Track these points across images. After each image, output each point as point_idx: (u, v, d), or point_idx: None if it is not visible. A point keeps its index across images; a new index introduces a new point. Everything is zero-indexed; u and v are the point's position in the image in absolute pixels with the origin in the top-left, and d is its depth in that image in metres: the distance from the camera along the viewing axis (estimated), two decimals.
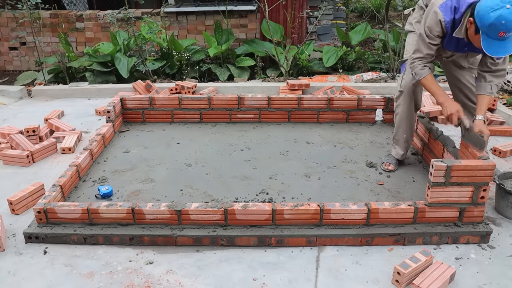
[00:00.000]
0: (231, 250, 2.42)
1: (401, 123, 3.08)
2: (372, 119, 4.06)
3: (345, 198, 2.81)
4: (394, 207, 2.43)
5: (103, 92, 5.28)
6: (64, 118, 4.51)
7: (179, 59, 5.90)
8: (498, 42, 2.30)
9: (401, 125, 3.09)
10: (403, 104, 3.01)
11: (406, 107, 3.01)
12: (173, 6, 6.76)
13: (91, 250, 2.43)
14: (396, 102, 3.07)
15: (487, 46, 2.33)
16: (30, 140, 3.75)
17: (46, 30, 6.62)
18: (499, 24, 2.22)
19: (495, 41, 2.30)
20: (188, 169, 3.22)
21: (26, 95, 5.37)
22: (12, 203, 2.76)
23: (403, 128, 3.09)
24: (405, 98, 2.99)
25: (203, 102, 4.01)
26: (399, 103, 3.03)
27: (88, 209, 2.46)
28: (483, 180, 2.37)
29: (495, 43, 2.31)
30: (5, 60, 6.96)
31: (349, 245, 2.45)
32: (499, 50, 2.32)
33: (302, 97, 3.97)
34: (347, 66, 6.20)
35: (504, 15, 2.20)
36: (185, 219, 2.46)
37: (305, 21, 6.78)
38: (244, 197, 2.83)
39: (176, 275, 2.24)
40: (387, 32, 5.77)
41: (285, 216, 2.44)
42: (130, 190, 2.94)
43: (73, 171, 2.93)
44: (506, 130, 3.88)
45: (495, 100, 4.36)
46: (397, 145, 3.17)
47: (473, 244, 2.46)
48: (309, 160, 3.33)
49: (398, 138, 3.14)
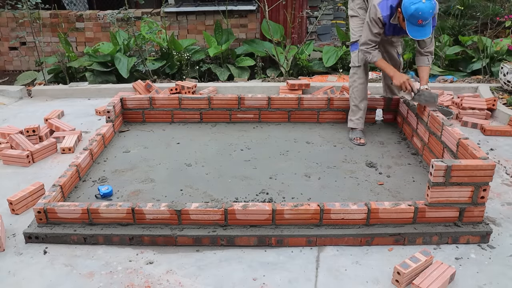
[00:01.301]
0: (231, 250, 2.42)
1: (361, 93, 3.61)
2: (372, 119, 4.05)
3: (345, 198, 2.80)
4: (394, 207, 2.43)
5: (103, 92, 5.28)
6: (64, 118, 4.51)
7: (179, 59, 5.90)
8: (418, 28, 3.07)
9: (361, 96, 3.62)
10: (362, 77, 3.59)
11: (364, 80, 3.61)
12: (173, 6, 6.76)
13: (91, 250, 2.43)
14: (353, 77, 3.60)
15: (411, 31, 3.09)
16: (30, 140, 3.75)
17: (46, 30, 6.62)
18: (417, 14, 2.96)
19: (416, 27, 3.07)
20: (188, 169, 3.22)
21: (26, 95, 5.37)
22: (12, 203, 2.76)
23: (362, 98, 3.63)
24: (363, 71, 3.59)
25: (203, 102, 4.01)
26: (358, 76, 3.59)
27: (88, 209, 2.46)
28: (483, 180, 2.37)
29: (416, 28, 3.07)
30: (5, 60, 6.96)
31: (349, 245, 2.45)
32: (419, 34, 3.10)
33: (302, 97, 3.97)
34: (347, 66, 6.19)
35: (421, 7, 2.94)
36: (185, 219, 2.46)
37: (305, 21, 6.78)
38: (244, 197, 2.83)
39: (176, 275, 2.24)
40: None
41: (285, 216, 2.44)
42: (130, 190, 2.94)
43: (73, 171, 2.93)
44: (506, 130, 3.88)
45: (495, 100, 4.36)
46: (359, 116, 3.65)
47: (473, 244, 2.46)
48: (309, 160, 3.33)
49: (361, 108, 3.65)
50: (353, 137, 3.65)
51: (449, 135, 2.90)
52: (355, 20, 3.60)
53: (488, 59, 5.54)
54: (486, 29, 6.14)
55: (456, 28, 6.99)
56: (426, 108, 3.31)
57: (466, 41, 6.21)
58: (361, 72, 3.60)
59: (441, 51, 5.94)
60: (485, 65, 5.49)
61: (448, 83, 5.29)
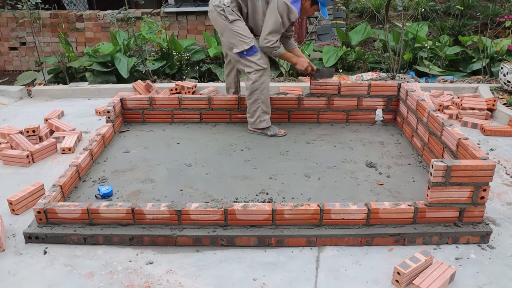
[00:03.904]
0: (231, 250, 2.42)
1: (267, 94, 3.70)
2: (372, 119, 4.06)
3: (345, 198, 2.81)
4: (394, 207, 2.43)
5: (103, 92, 5.28)
6: (64, 118, 4.51)
7: (179, 59, 5.90)
8: (326, 9, 3.62)
9: (267, 96, 3.71)
10: (267, 79, 3.67)
11: (268, 80, 3.71)
12: (173, 6, 6.77)
13: (91, 250, 2.43)
14: (261, 79, 3.63)
15: (324, 12, 3.61)
16: (30, 140, 3.75)
17: (46, 30, 6.63)
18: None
19: (325, 8, 3.61)
20: (188, 169, 3.22)
21: (26, 95, 5.37)
22: (12, 203, 2.76)
23: (267, 98, 3.73)
24: (267, 73, 3.67)
25: (203, 102, 4.01)
26: (266, 78, 3.66)
27: (88, 209, 2.46)
28: (483, 180, 2.37)
29: (325, 9, 3.62)
30: (5, 60, 6.96)
31: (349, 245, 2.45)
32: (326, 13, 3.65)
33: (302, 97, 3.97)
34: (347, 66, 6.21)
35: None
36: (185, 219, 2.46)
37: (305, 21, 6.78)
38: (244, 197, 2.83)
39: (176, 275, 2.24)
40: (387, 32, 5.78)
41: (285, 216, 2.44)
42: (130, 190, 2.94)
43: (73, 171, 2.93)
44: (506, 130, 3.88)
45: (495, 100, 4.36)
46: (267, 114, 3.77)
47: (473, 244, 2.46)
48: (309, 160, 3.33)
49: (267, 107, 3.75)
50: (276, 131, 3.76)
51: (449, 135, 2.90)
52: (239, 24, 3.52)
53: (488, 59, 5.54)
54: (486, 29, 6.14)
55: (456, 28, 7.00)
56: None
57: (466, 41, 6.21)
58: (268, 73, 3.66)
59: (441, 51, 5.95)
60: (485, 65, 5.50)
61: (448, 83, 5.29)
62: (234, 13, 3.51)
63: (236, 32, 3.51)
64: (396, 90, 3.93)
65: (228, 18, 3.50)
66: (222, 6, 3.50)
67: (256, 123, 3.76)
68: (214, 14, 3.57)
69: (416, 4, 7.21)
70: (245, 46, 3.51)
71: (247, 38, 3.52)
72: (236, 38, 3.53)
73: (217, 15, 3.55)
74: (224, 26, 3.56)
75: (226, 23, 3.52)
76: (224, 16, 3.51)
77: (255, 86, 3.62)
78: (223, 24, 3.55)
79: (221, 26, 3.59)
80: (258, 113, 3.72)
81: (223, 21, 3.53)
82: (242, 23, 3.53)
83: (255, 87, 3.63)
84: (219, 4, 3.52)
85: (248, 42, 3.51)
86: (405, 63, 5.94)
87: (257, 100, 3.68)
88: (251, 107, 3.73)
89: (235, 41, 3.55)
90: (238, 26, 3.51)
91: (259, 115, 3.73)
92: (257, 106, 3.70)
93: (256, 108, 3.71)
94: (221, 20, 3.54)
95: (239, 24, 3.51)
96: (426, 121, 3.28)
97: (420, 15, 6.90)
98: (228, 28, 3.54)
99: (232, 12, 3.50)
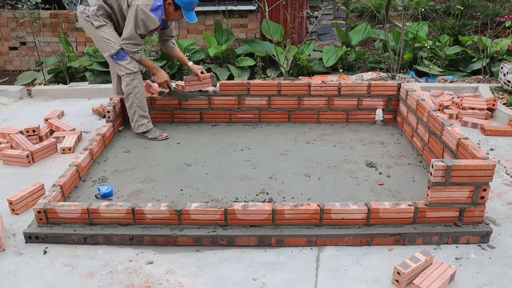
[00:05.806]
0: (231, 250, 2.42)
1: (141, 97, 3.74)
2: (372, 119, 4.06)
3: (345, 198, 2.81)
4: (394, 207, 2.43)
5: (103, 92, 5.28)
6: (64, 118, 4.51)
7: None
8: (191, 13, 3.55)
9: (142, 100, 3.74)
10: (139, 82, 3.70)
11: (141, 84, 3.74)
12: None
13: (91, 250, 2.43)
14: (132, 83, 3.66)
15: (188, 16, 3.53)
16: (30, 140, 3.75)
17: (46, 30, 6.62)
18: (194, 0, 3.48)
19: (190, 12, 3.54)
20: (188, 169, 3.22)
21: (26, 95, 5.37)
22: (12, 203, 2.76)
23: (142, 101, 3.76)
24: (139, 77, 3.70)
25: (203, 102, 4.01)
26: (139, 81, 3.69)
27: (88, 209, 2.46)
28: (483, 180, 2.37)
29: (190, 13, 3.55)
30: (5, 60, 6.96)
31: (349, 245, 2.45)
32: (193, 18, 3.57)
33: (302, 97, 3.97)
34: (347, 66, 6.21)
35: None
36: (185, 219, 2.46)
37: (305, 21, 6.78)
38: (244, 197, 2.83)
39: (176, 275, 2.24)
40: (387, 32, 5.78)
41: (285, 216, 2.44)
42: (130, 190, 2.94)
43: (73, 171, 2.93)
44: (506, 130, 3.88)
45: (495, 100, 4.36)
46: (145, 118, 3.78)
47: (473, 244, 2.46)
48: (309, 160, 3.33)
49: (144, 111, 3.77)
50: (156, 135, 3.76)
51: (449, 135, 2.90)
52: (106, 29, 3.56)
53: (488, 59, 5.54)
54: (486, 29, 6.14)
55: (456, 28, 7.00)
56: None
57: (466, 41, 6.21)
58: (140, 76, 3.70)
59: (441, 51, 5.95)
60: (485, 65, 5.49)
61: (448, 83, 5.29)
62: (100, 19, 3.55)
63: (102, 37, 3.57)
64: (396, 90, 3.94)
65: (94, 24, 3.55)
66: (87, 13, 3.56)
67: (135, 127, 3.79)
68: (81, 20, 3.63)
69: (416, 4, 7.21)
70: (112, 50, 3.57)
71: (113, 43, 3.56)
72: (103, 43, 3.59)
73: (83, 21, 3.61)
74: (92, 32, 3.62)
75: (93, 28, 3.58)
76: (90, 22, 3.56)
77: (128, 90, 3.69)
78: (90, 29, 3.61)
79: (89, 31, 3.66)
80: (135, 117, 3.75)
81: (89, 26, 3.59)
82: (108, 29, 3.57)
83: (128, 91, 3.69)
84: (84, 11, 3.57)
85: (114, 46, 3.56)
86: (405, 63, 5.94)
87: (133, 104, 3.72)
88: (129, 112, 3.78)
89: (102, 45, 3.61)
90: (104, 31, 3.56)
91: (137, 119, 3.75)
92: (134, 110, 3.74)
93: (133, 112, 3.75)
94: (88, 25, 3.60)
95: (105, 30, 3.56)
96: (426, 121, 3.28)
97: (420, 15, 6.90)
98: (95, 34, 3.59)
99: (97, 18, 3.54)
